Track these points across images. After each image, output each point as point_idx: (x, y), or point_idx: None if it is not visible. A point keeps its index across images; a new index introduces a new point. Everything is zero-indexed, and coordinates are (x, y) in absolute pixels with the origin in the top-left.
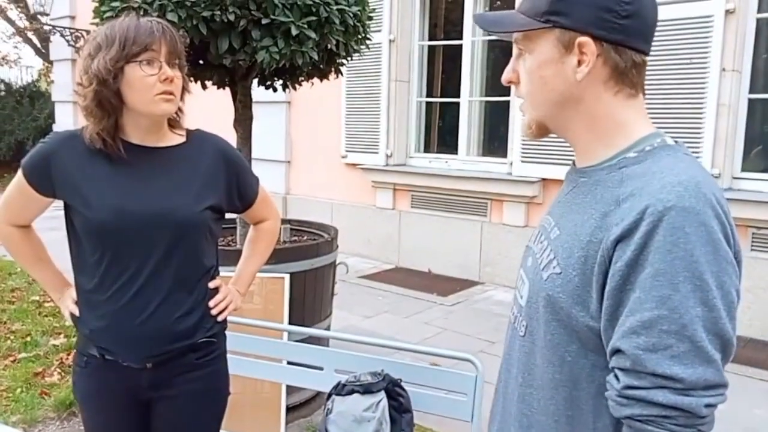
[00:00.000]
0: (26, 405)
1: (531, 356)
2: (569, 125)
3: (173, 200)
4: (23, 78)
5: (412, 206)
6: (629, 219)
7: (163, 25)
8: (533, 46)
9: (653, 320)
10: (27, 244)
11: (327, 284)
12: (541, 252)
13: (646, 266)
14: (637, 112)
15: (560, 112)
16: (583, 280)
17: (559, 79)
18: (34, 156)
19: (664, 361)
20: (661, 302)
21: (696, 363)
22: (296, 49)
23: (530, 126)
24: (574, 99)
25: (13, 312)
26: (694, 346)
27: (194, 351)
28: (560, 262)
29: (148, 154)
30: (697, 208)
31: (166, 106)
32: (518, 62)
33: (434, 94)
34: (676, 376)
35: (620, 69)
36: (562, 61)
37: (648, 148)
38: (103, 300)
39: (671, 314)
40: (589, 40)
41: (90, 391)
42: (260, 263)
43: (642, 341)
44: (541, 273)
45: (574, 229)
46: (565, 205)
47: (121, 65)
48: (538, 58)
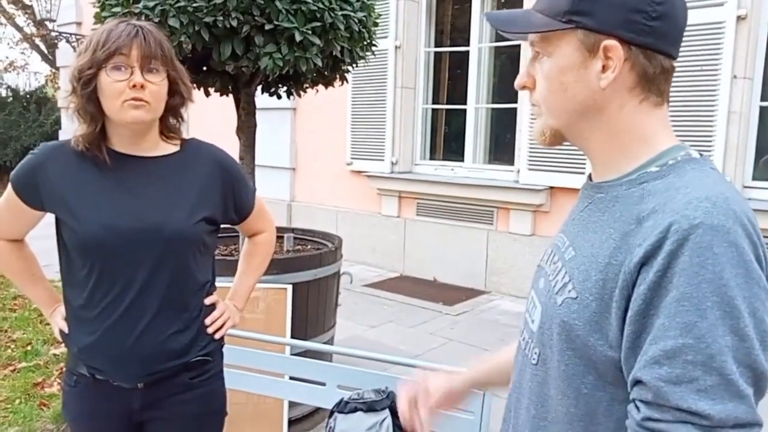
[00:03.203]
0: (24, 416)
1: (544, 387)
2: (588, 135)
3: (164, 212)
4: (30, 84)
5: (418, 214)
6: (652, 238)
7: (139, 27)
8: (552, 48)
9: (677, 349)
10: (17, 259)
11: (331, 295)
12: (554, 274)
13: (670, 290)
14: (662, 122)
15: (579, 120)
16: (602, 305)
17: (581, 86)
18: (22, 168)
19: (689, 395)
20: (686, 330)
21: (725, 398)
22: (300, 56)
23: (544, 133)
24: (595, 107)
25: (14, 320)
26: (724, 380)
27: (188, 370)
28: (576, 285)
29: (137, 164)
30: (727, 225)
31: (134, 113)
32: (534, 66)
33: (440, 101)
34: (702, 412)
35: (648, 75)
36: (585, 66)
37: (671, 162)
38: (92, 317)
39: (698, 343)
40: (616, 43)
41: (80, 412)
42: (257, 277)
43: (665, 372)
44: (555, 297)
45: (591, 250)
46: (581, 223)
47: (92, 72)
48: (558, 63)
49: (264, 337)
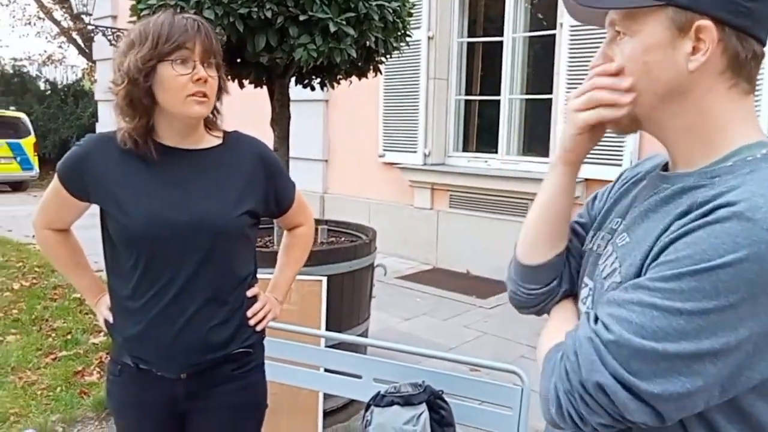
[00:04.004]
0: (66, 404)
1: None
2: (668, 122)
3: (210, 205)
4: (68, 77)
5: (451, 206)
6: (690, 211)
7: (199, 22)
8: (637, 27)
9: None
10: (64, 249)
11: (365, 287)
12: (604, 258)
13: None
14: (748, 113)
15: (661, 105)
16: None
17: (667, 67)
18: (68, 160)
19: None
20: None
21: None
22: (334, 47)
23: (621, 120)
24: (679, 91)
25: (54, 309)
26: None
27: (230, 362)
28: (622, 271)
29: (183, 157)
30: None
31: (198, 108)
32: (612, 47)
33: (473, 92)
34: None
35: (740, 60)
36: (674, 46)
37: (749, 158)
38: (137, 307)
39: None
40: (711, 23)
41: (124, 401)
42: (297, 269)
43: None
44: (603, 282)
45: (645, 236)
46: (642, 212)
47: (153, 64)
48: (644, 42)
49: (300, 329)
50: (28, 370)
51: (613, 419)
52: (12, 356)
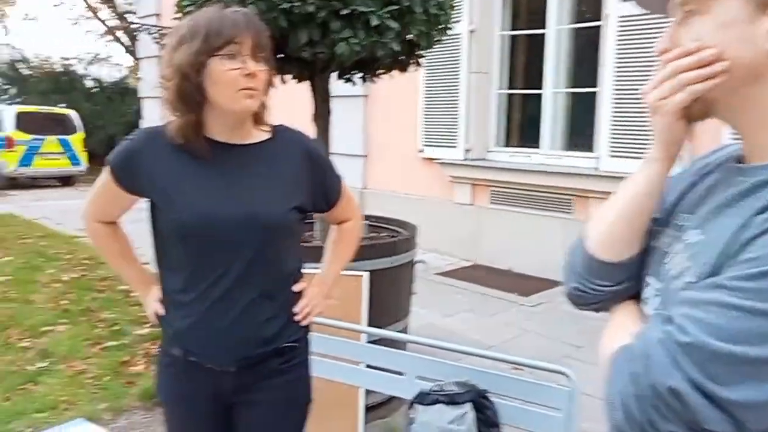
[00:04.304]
0: (113, 394)
1: None
2: (744, 108)
3: (260, 201)
4: (113, 75)
5: (492, 202)
6: None
7: (249, 15)
8: (711, 3)
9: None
10: (113, 241)
11: (406, 283)
12: (672, 256)
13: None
14: None
15: (737, 89)
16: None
17: (743, 46)
18: (119, 153)
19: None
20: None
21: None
22: (376, 40)
23: (688, 106)
24: (756, 73)
25: (102, 301)
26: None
27: (278, 356)
28: (695, 270)
29: (233, 152)
30: None
31: (248, 102)
32: (679, 30)
33: (515, 86)
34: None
35: None
36: (752, 23)
37: None
38: (188, 301)
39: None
40: None
41: (173, 393)
42: (344, 264)
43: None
44: (672, 281)
45: (721, 233)
46: (717, 208)
47: (203, 59)
48: (717, 19)
49: (342, 324)
50: (77, 360)
51: (686, 427)
52: (62, 345)
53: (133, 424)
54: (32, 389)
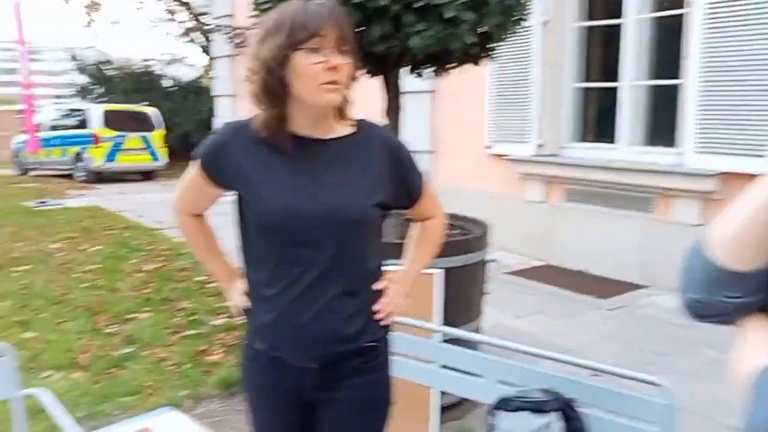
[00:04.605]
0: (193, 381)
1: None
2: None
3: (344, 196)
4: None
5: (566, 200)
6: None
7: (334, 8)
8: None
9: None
10: (200, 233)
11: (478, 282)
12: None
13: None
14: None
15: None
16: None
17: None
18: (207, 147)
19: None
20: None
21: None
22: (450, 33)
23: None
24: None
25: (181, 291)
26: None
27: (359, 355)
28: None
29: (317, 147)
30: None
31: (330, 96)
32: None
33: (591, 79)
34: None
35: None
36: None
37: None
38: (271, 295)
39: None
40: None
41: (256, 386)
42: (426, 263)
43: None
44: None
45: None
46: None
47: (287, 52)
48: None
49: (416, 322)
50: (159, 347)
51: None
52: (145, 333)
53: (211, 411)
54: (119, 374)
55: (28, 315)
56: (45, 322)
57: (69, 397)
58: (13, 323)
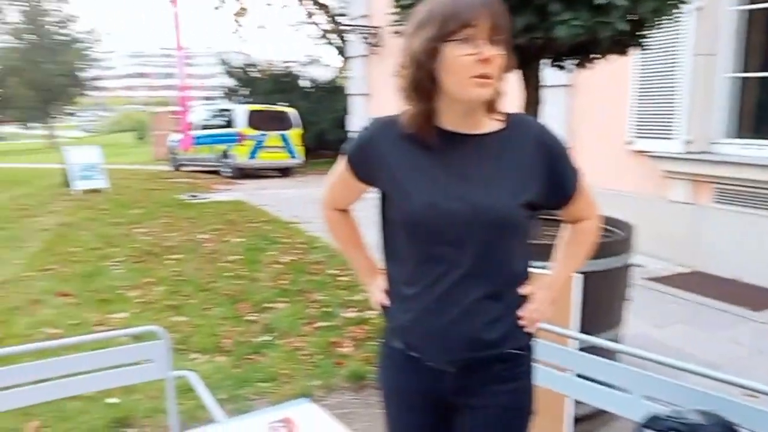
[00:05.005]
0: (325, 372)
1: None
2: None
3: (490, 194)
4: (325, 75)
5: (716, 201)
6: None
7: None
8: None
9: None
10: (345, 228)
11: (620, 288)
12: None
13: None
14: None
15: None
16: None
17: None
18: (355, 143)
19: None
20: None
21: None
22: (601, 21)
23: None
24: None
25: (315, 283)
26: None
27: (501, 362)
28: None
29: (464, 142)
30: None
31: (480, 91)
32: None
33: (749, 69)
34: None
35: None
36: None
37: None
38: (411, 294)
39: None
40: None
41: (392, 385)
42: (576, 268)
43: None
44: None
45: None
46: None
47: (437, 45)
48: None
49: (554, 328)
50: (294, 336)
51: None
52: (282, 322)
53: (342, 403)
54: (257, 360)
55: (179, 300)
56: (193, 308)
57: (213, 380)
58: (166, 307)
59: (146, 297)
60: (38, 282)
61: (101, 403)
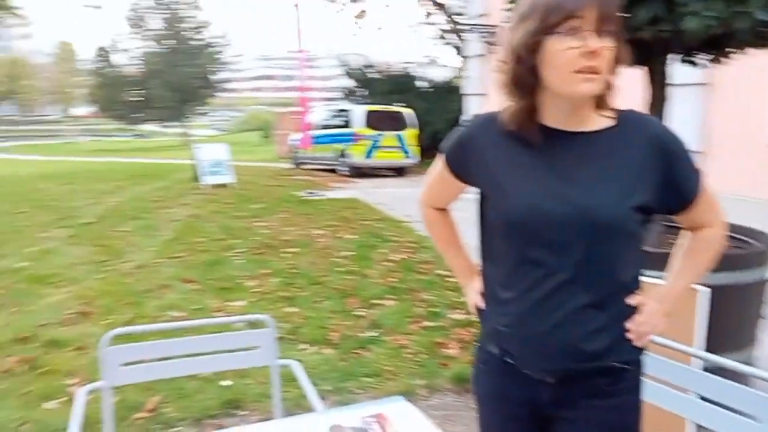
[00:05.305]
0: (429, 372)
1: None
2: None
3: (596, 196)
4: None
5: None
6: None
7: None
8: None
9: None
10: (443, 227)
11: (753, 304)
12: None
13: None
14: None
15: None
16: None
17: None
18: (452, 140)
19: None
20: None
21: None
22: (737, 11)
23: None
24: None
25: (423, 282)
26: None
27: (604, 375)
28: None
29: (569, 141)
30: None
31: (585, 86)
32: None
33: None
34: None
35: None
36: None
37: None
38: (508, 298)
39: None
40: None
41: (487, 391)
42: (695, 279)
43: None
44: None
45: None
46: None
47: (539, 38)
48: None
49: (674, 344)
50: (400, 334)
51: None
52: (389, 319)
53: (444, 404)
54: (362, 355)
55: (292, 292)
56: (305, 300)
57: (320, 371)
58: (280, 298)
59: (262, 287)
60: (167, 268)
61: (216, 385)
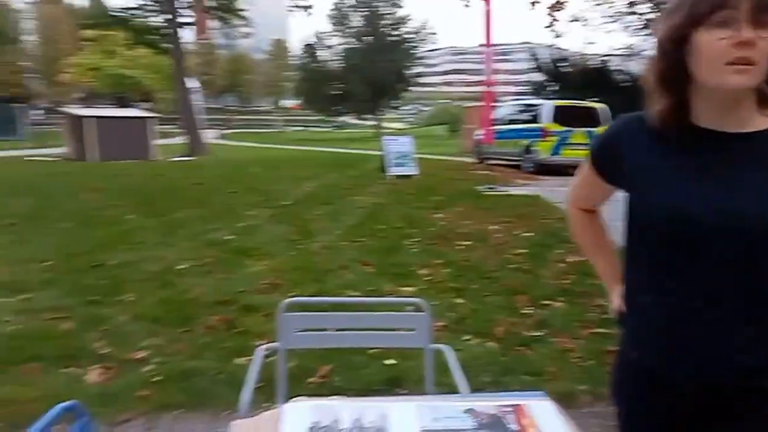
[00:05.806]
0: (594, 379)
1: None
2: None
3: (752, 203)
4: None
5: None
6: None
7: None
8: None
9: None
10: (587, 228)
11: None
12: None
13: None
14: None
15: None
16: None
17: None
18: (599, 140)
19: None
20: None
21: None
22: None
23: None
24: None
25: (600, 287)
26: None
27: (758, 394)
28: None
29: (725, 143)
30: None
31: (736, 78)
32: None
33: None
34: None
35: None
36: None
37: None
38: (650, 303)
39: None
40: None
41: (627, 398)
42: None
43: None
44: None
45: None
46: None
47: (686, 31)
48: None
49: None
50: (567, 337)
51: None
52: (557, 320)
53: (605, 413)
54: (525, 352)
55: (461, 283)
56: (474, 293)
57: (480, 362)
58: (449, 288)
59: (433, 276)
60: (349, 251)
61: (380, 363)
